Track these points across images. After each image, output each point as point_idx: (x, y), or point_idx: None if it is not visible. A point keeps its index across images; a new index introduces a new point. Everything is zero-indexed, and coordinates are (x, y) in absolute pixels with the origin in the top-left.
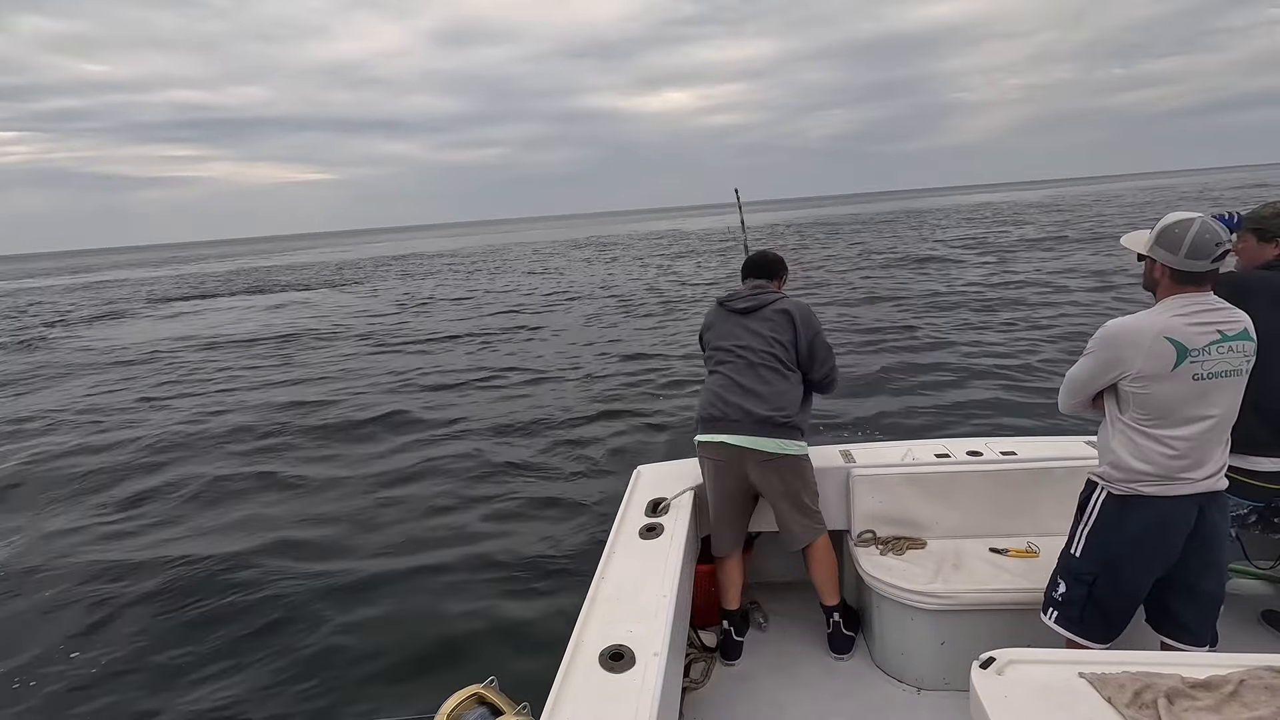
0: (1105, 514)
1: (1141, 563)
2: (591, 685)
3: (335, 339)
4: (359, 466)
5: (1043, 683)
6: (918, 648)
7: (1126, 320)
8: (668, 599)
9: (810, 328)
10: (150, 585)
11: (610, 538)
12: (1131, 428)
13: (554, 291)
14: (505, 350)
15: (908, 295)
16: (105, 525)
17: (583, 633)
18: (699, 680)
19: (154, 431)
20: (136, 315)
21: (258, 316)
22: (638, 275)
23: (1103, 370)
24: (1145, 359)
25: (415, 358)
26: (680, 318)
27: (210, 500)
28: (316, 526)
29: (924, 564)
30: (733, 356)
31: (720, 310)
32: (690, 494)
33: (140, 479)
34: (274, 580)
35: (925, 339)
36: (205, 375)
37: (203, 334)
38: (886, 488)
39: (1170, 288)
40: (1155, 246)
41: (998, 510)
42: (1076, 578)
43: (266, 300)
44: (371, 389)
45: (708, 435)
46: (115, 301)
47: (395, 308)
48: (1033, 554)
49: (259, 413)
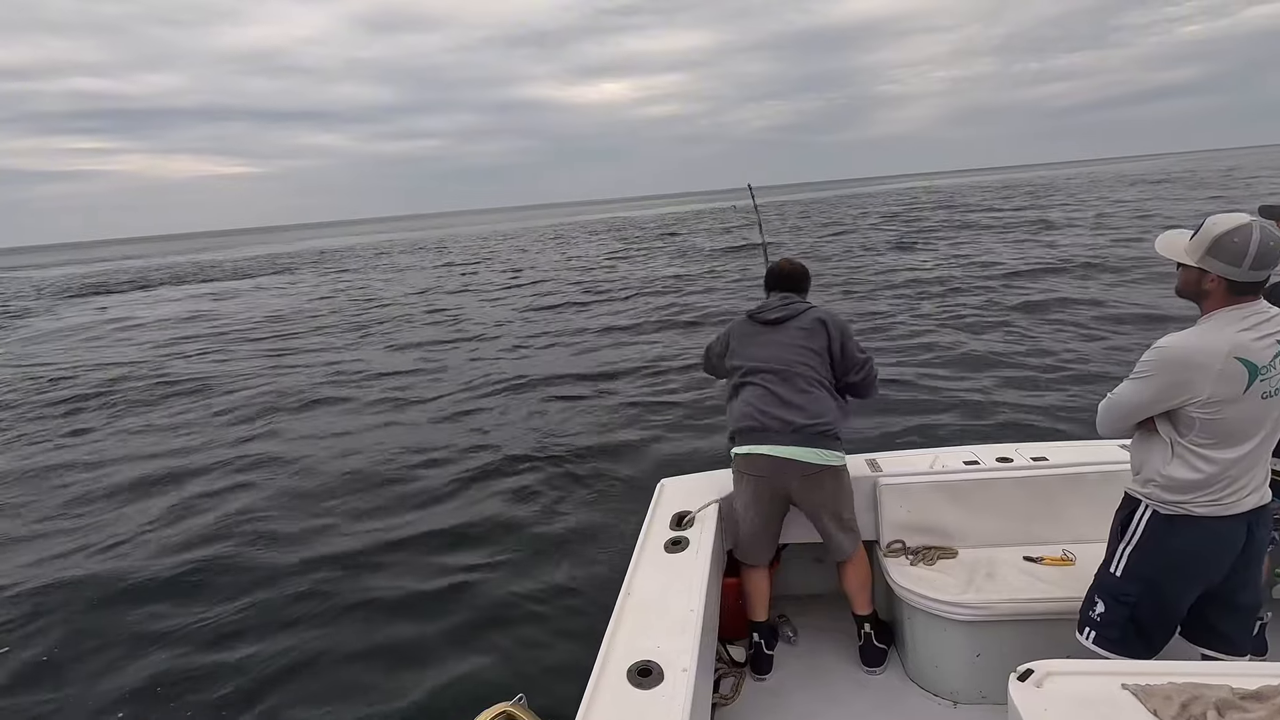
0: (1151, 534)
1: (1188, 583)
2: (620, 702)
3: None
4: (372, 480)
5: (1084, 695)
6: (952, 660)
7: (1188, 339)
8: (695, 613)
9: (843, 331)
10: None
11: (635, 552)
12: (1191, 450)
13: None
14: (514, 358)
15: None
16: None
17: (610, 648)
18: (729, 696)
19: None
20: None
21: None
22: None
23: (1165, 396)
24: (1216, 383)
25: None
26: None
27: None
28: (336, 541)
29: (956, 574)
30: (767, 369)
31: (748, 323)
32: (715, 507)
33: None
34: (304, 595)
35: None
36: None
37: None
38: (915, 496)
39: (1225, 299)
40: (1209, 257)
41: (1030, 518)
42: (1117, 599)
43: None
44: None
45: (748, 448)
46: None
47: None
48: (1068, 562)
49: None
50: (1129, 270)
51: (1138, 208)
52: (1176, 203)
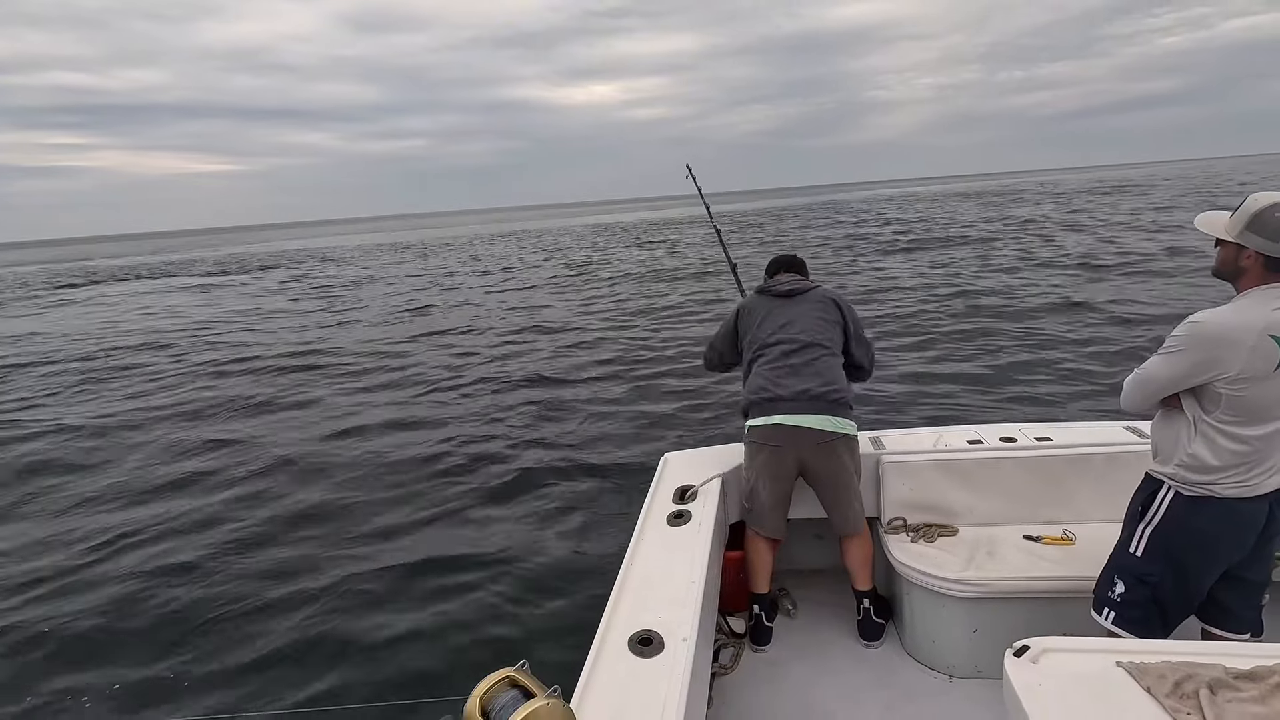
0: (1174, 515)
1: (1211, 563)
2: (621, 669)
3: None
4: (377, 458)
5: (1078, 672)
6: (949, 635)
7: (1223, 316)
8: (696, 585)
9: (853, 318)
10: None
11: (638, 525)
12: (1214, 427)
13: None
14: (520, 341)
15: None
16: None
17: (612, 618)
18: (728, 666)
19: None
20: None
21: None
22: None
23: (1195, 371)
24: (1248, 359)
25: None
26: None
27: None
28: (343, 520)
29: (956, 551)
30: (783, 340)
31: (761, 297)
32: (718, 481)
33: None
34: (305, 567)
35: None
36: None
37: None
38: (917, 474)
39: (1261, 277)
40: (1248, 233)
41: (1032, 497)
42: (1139, 578)
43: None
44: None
45: (763, 418)
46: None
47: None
48: (1068, 541)
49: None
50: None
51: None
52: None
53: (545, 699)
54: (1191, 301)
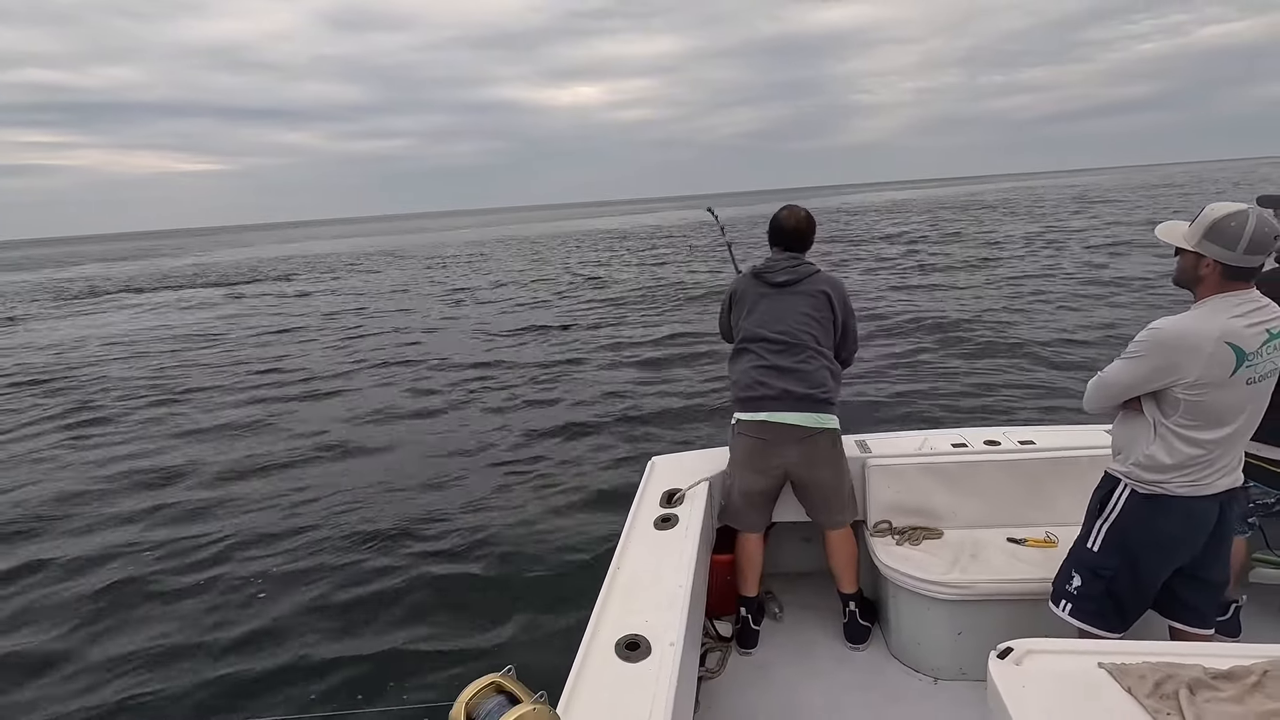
0: (1129, 512)
1: (1164, 559)
2: (608, 674)
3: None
4: (363, 461)
5: (1061, 673)
6: (934, 638)
7: (1182, 323)
8: (683, 589)
9: (846, 309)
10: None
11: (625, 529)
12: (1173, 431)
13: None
14: (515, 345)
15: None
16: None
17: (599, 623)
18: (715, 669)
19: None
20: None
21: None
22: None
23: (1154, 376)
24: (1205, 366)
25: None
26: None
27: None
28: (322, 528)
29: (941, 554)
30: (771, 336)
31: (756, 283)
32: (705, 485)
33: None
34: (285, 576)
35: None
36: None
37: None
38: (903, 478)
39: (1219, 285)
40: (1206, 241)
41: (1016, 500)
42: (1095, 572)
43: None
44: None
45: (749, 414)
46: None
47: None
48: (1051, 544)
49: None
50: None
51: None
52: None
53: (531, 704)
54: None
